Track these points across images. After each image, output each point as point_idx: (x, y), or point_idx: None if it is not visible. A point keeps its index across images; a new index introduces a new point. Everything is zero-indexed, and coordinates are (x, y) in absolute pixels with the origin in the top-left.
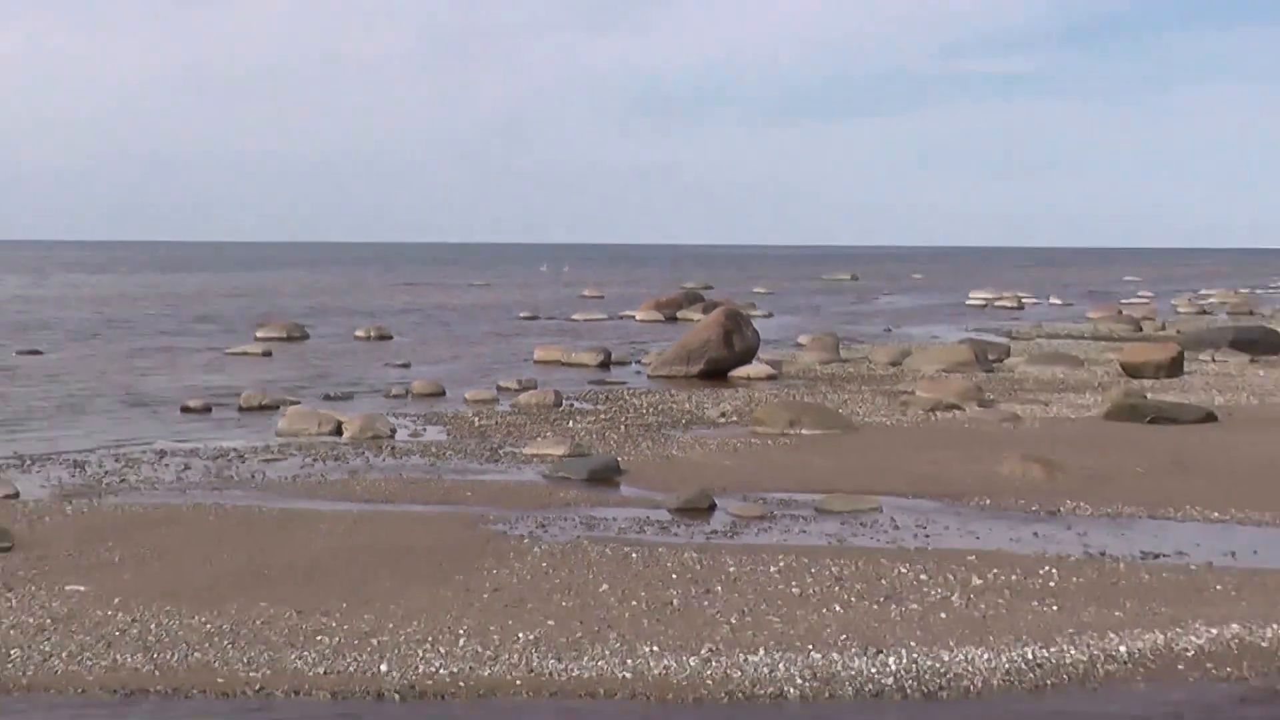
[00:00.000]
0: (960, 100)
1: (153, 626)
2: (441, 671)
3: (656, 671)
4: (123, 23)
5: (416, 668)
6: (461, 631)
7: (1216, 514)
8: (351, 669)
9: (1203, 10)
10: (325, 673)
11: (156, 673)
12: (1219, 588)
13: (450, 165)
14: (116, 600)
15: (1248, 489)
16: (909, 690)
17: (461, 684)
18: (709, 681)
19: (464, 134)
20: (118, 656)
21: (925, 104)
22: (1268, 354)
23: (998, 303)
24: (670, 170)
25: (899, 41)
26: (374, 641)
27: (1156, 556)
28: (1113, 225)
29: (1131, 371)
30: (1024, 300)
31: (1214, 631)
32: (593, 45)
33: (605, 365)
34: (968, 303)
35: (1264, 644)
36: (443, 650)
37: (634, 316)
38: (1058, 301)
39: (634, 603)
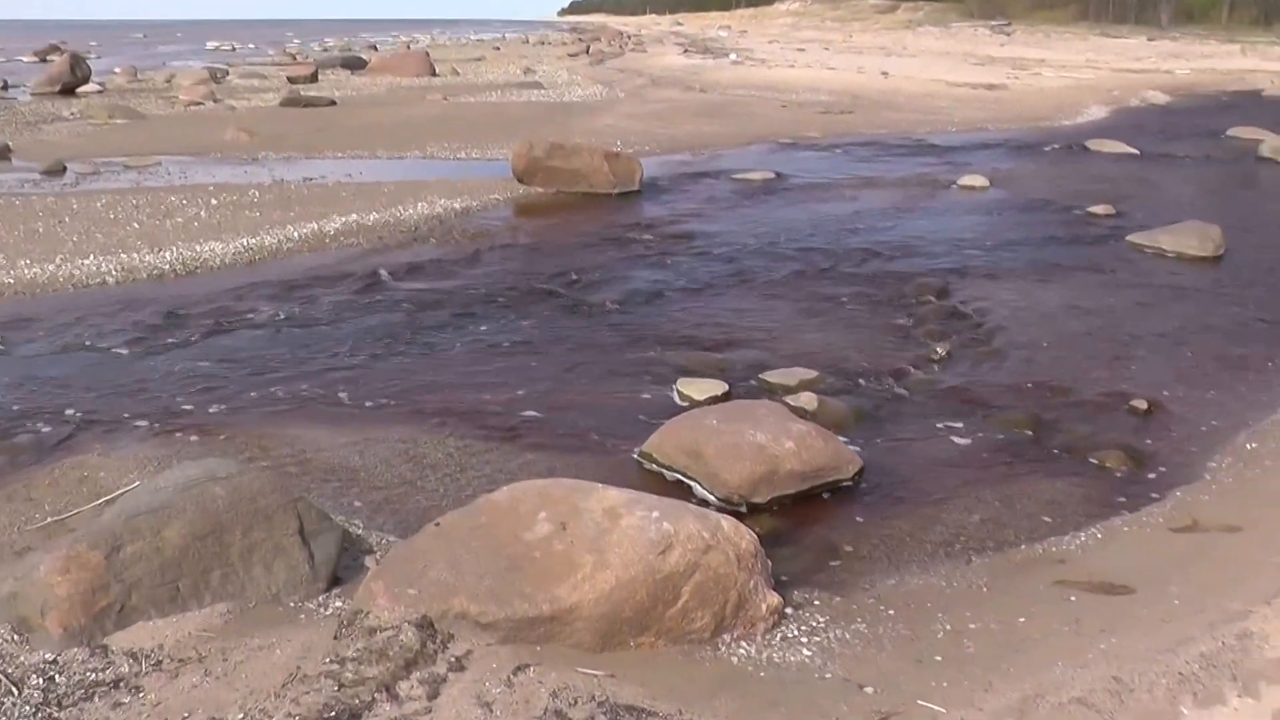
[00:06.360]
0: None
1: None
2: None
3: (29, 276)
4: None
5: None
6: None
7: (341, 155)
8: None
9: None
10: None
11: None
12: (344, 195)
13: None
14: None
15: (356, 141)
16: (179, 271)
17: None
18: (60, 279)
19: None
20: None
21: None
22: (360, 69)
23: (222, 48)
24: None
25: None
26: None
27: (311, 179)
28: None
29: (293, 81)
30: (237, 47)
31: (342, 219)
32: None
33: (5, 88)
34: (206, 48)
35: (368, 222)
36: None
37: (22, 60)
38: (254, 47)
39: (16, 233)
